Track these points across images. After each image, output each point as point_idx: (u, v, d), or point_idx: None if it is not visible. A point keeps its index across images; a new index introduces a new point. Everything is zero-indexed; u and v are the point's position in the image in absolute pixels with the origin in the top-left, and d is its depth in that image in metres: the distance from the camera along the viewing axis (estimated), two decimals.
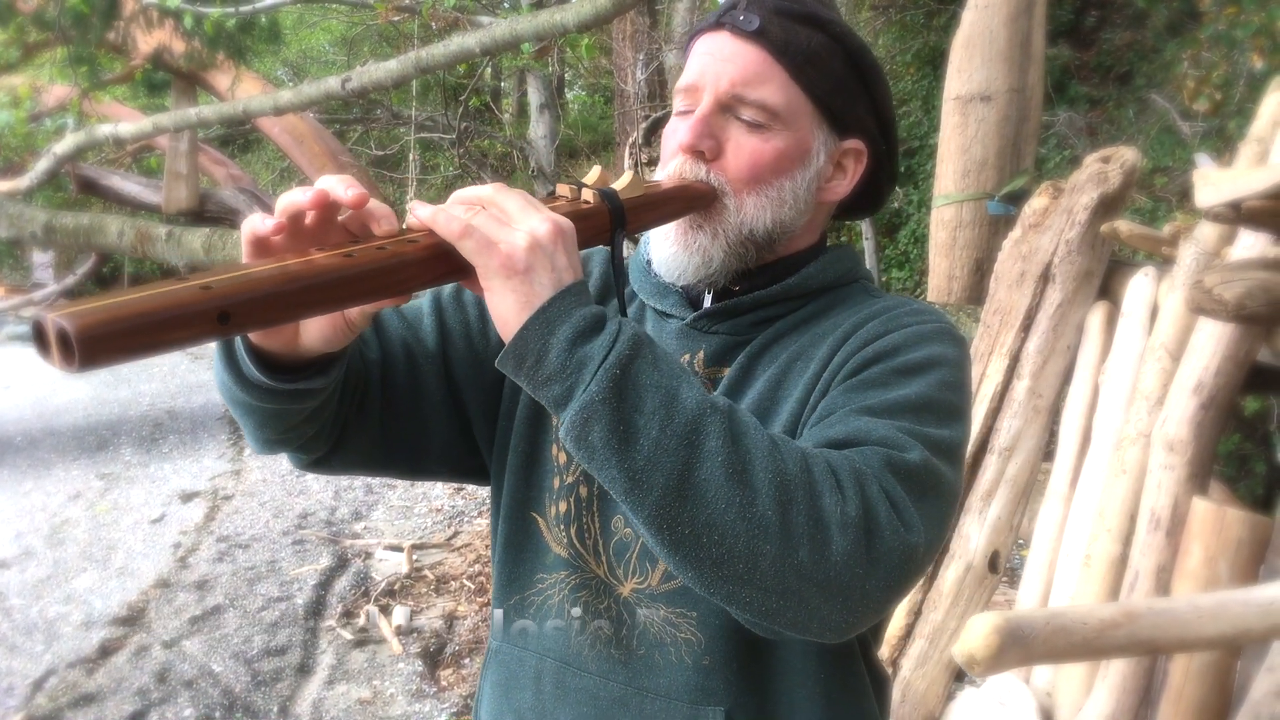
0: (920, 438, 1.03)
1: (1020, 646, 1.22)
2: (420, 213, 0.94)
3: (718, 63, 1.18)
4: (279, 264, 0.84)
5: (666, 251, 1.23)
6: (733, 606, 0.96)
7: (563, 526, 1.23)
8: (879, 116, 1.26)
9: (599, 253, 1.38)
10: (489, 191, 0.97)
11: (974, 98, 4.68)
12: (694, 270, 1.21)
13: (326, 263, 0.86)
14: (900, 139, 8.36)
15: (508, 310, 0.93)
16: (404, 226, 0.96)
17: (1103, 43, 8.90)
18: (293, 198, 0.93)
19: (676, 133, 1.22)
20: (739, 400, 1.19)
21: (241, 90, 9.26)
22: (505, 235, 0.93)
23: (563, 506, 1.23)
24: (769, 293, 1.24)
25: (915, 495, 0.99)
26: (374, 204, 0.95)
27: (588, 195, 1.08)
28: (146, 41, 9.02)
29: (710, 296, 1.26)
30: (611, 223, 1.08)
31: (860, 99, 1.23)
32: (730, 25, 1.18)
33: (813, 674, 1.17)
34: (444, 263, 0.93)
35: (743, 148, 1.18)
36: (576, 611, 1.22)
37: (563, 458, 1.25)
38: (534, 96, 15.23)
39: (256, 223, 0.91)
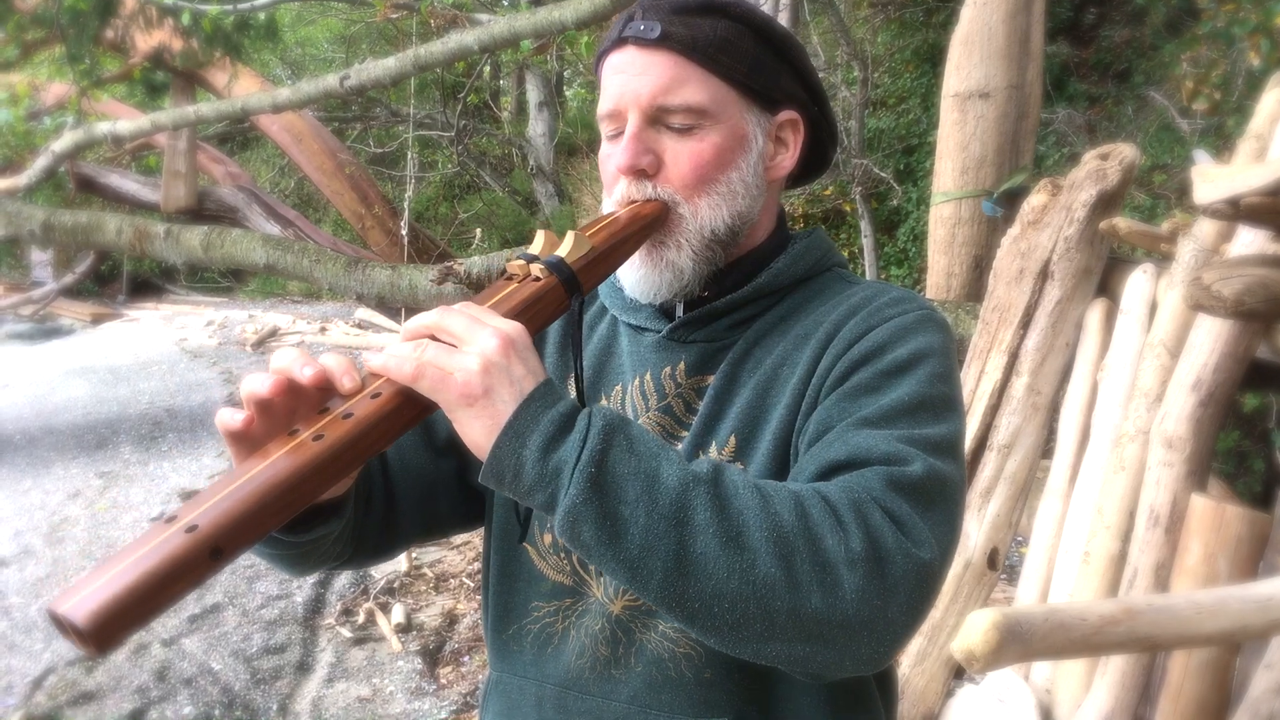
0: (920, 443, 1.03)
1: (1019, 643, 1.22)
2: (372, 363, 0.94)
3: (632, 79, 1.17)
4: (253, 476, 0.85)
5: (636, 275, 1.23)
6: (763, 661, 0.96)
7: (563, 555, 1.23)
8: (804, 82, 1.26)
9: None
10: (434, 318, 0.97)
11: (973, 95, 4.68)
12: (668, 287, 1.21)
13: (301, 459, 0.87)
14: (900, 136, 8.36)
15: (477, 435, 0.94)
16: (364, 372, 0.97)
17: (1102, 40, 8.91)
18: (255, 387, 0.95)
19: (613, 157, 1.21)
20: (728, 410, 1.19)
21: (239, 88, 9.26)
22: (458, 363, 0.92)
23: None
24: (742, 294, 1.23)
25: (922, 508, 0.98)
26: (333, 363, 0.96)
27: (536, 270, 1.07)
28: (146, 40, 9.02)
29: (682, 305, 1.26)
30: (567, 293, 1.07)
31: (781, 71, 1.23)
32: (633, 38, 1.17)
33: (811, 685, 1.16)
34: (411, 407, 0.94)
35: (681, 154, 1.18)
36: (575, 636, 1.22)
37: None
38: (533, 94, 15.25)
39: (228, 418, 0.95)
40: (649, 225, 1.18)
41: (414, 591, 5.00)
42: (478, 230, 14.75)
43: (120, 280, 17.31)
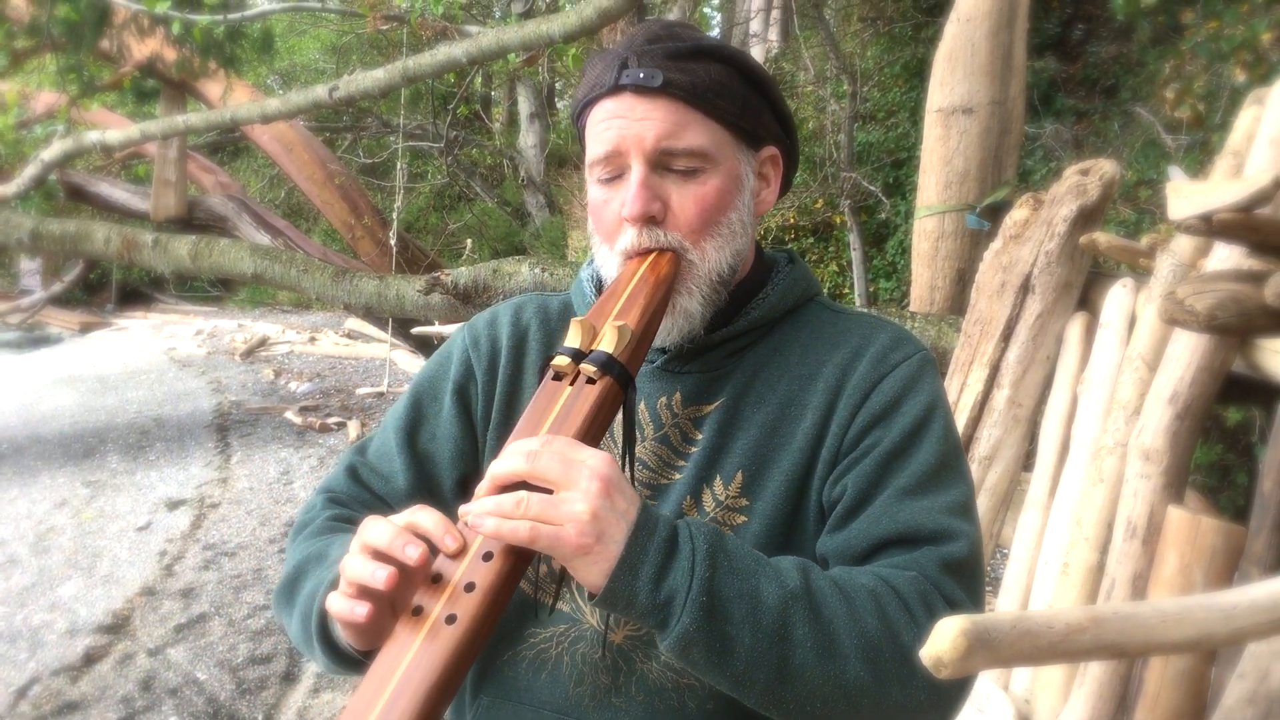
0: (956, 512, 1.13)
1: (987, 649, 1.25)
2: (485, 528, 0.96)
3: (633, 124, 1.17)
4: (407, 678, 0.88)
5: None
6: None
7: (562, 583, 1.23)
8: (779, 117, 1.28)
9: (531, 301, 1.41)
10: (524, 465, 0.97)
11: (956, 110, 4.73)
12: (678, 331, 1.23)
13: (447, 648, 0.90)
14: (889, 150, 8.42)
15: (593, 577, 0.97)
16: (460, 523, 0.99)
17: (1089, 55, 8.98)
18: (366, 579, 0.95)
19: (611, 203, 1.21)
20: (733, 445, 1.22)
21: (233, 99, 9.27)
22: (567, 513, 0.95)
23: (556, 564, 1.22)
24: (736, 327, 1.26)
25: (968, 586, 1.09)
26: (430, 525, 0.98)
27: (589, 371, 1.07)
28: (139, 50, 9.03)
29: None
30: (621, 387, 1.09)
31: (764, 109, 1.25)
32: (632, 86, 1.17)
33: None
34: (523, 561, 0.98)
35: (687, 198, 1.19)
36: (570, 662, 1.22)
37: None
38: (524, 105, 15.28)
39: (346, 612, 0.97)
40: (668, 286, 1.18)
41: None
42: (468, 241, 14.78)
43: (109, 289, 17.30)
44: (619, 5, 5.09)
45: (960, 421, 3.51)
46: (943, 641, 1.19)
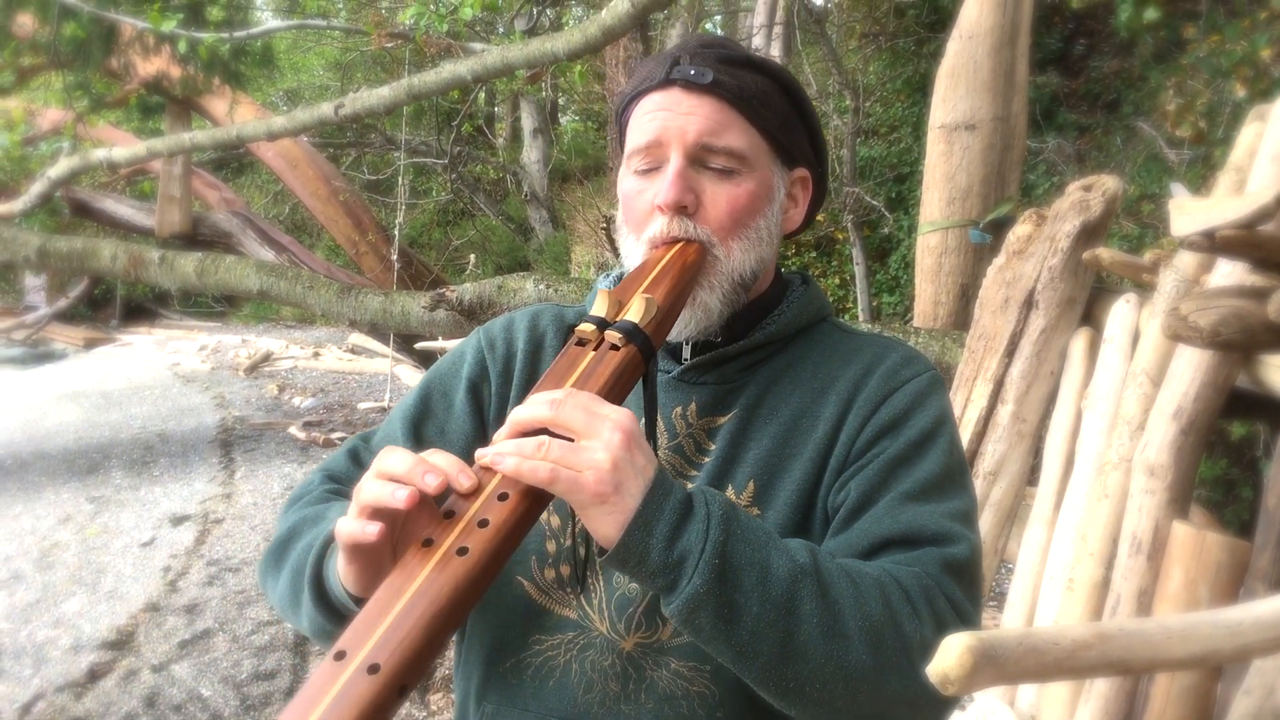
0: (959, 518, 1.14)
1: (993, 666, 1.25)
2: (504, 465, 0.95)
3: (678, 117, 1.20)
4: (413, 603, 0.86)
5: None
6: None
7: (568, 589, 1.23)
8: (814, 142, 1.32)
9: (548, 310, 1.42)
10: (548, 411, 0.98)
11: (959, 126, 4.74)
12: (696, 324, 1.24)
13: (456, 578, 0.88)
14: (891, 165, 8.45)
15: (607, 529, 0.97)
16: (475, 466, 0.98)
17: (1091, 71, 9.00)
18: (386, 498, 0.94)
19: (645, 193, 1.24)
20: (745, 455, 1.23)
21: (239, 116, 9.32)
22: (587, 461, 0.95)
23: (564, 570, 1.23)
24: (753, 340, 1.27)
25: (968, 589, 1.09)
26: (444, 464, 0.97)
27: (613, 338, 1.08)
28: (144, 67, 9.07)
29: (689, 348, 1.29)
30: (644, 358, 1.10)
31: (800, 129, 1.29)
32: (681, 81, 1.21)
33: None
34: (538, 505, 0.97)
35: (719, 196, 1.21)
36: (579, 670, 1.21)
37: (555, 521, 1.25)
38: (527, 122, 15.32)
39: (357, 531, 0.95)
40: (694, 273, 1.20)
41: None
42: (472, 256, 14.82)
43: (113, 305, 17.33)
44: (622, 23, 5.12)
45: (965, 436, 3.51)
46: (949, 658, 1.19)
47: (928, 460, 1.17)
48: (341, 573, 1.05)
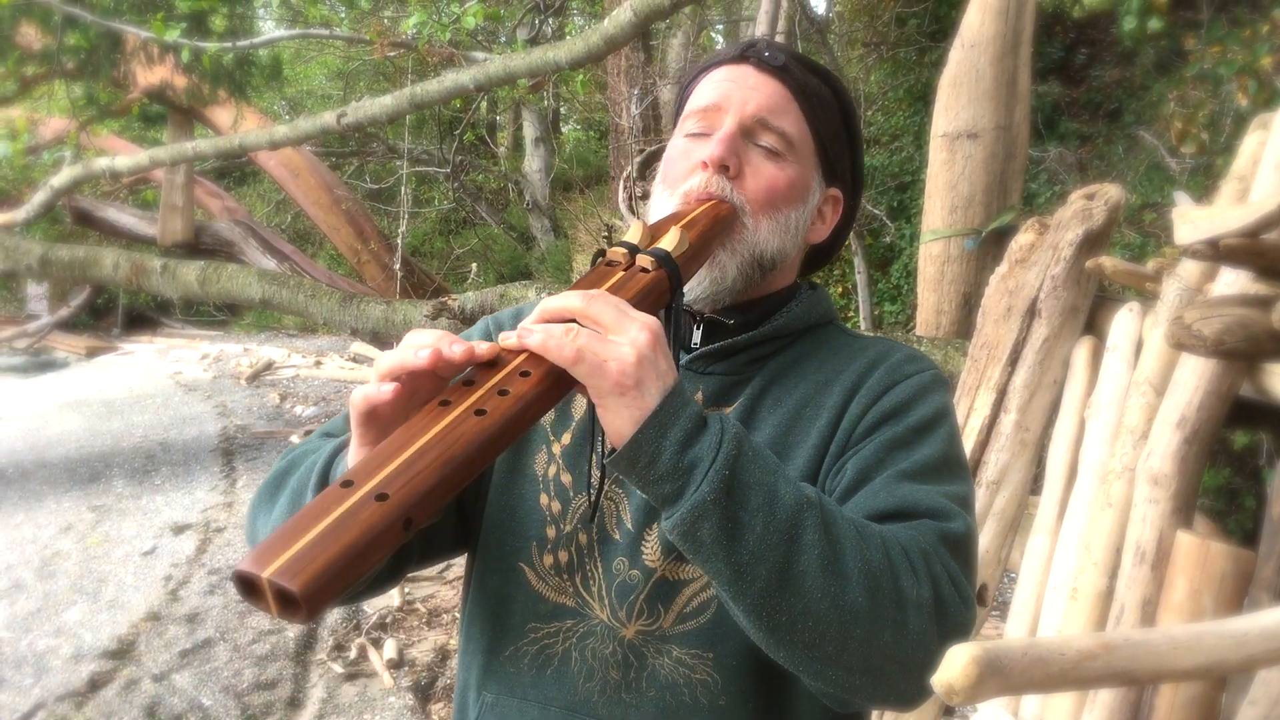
0: (956, 499, 1.13)
1: (998, 676, 1.25)
2: (530, 341, 0.94)
3: (743, 89, 1.26)
4: (428, 446, 0.84)
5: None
6: (817, 682, 1.03)
7: (565, 576, 1.23)
8: (854, 167, 1.35)
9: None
10: (579, 303, 0.98)
11: (961, 135, 4.74)
12: (710, 284, 1.25)
13: (473, 432, 0.87)
14: (893, 173, 8.44)
15: (622, 423, 0.96)
16: (501, 345, 0.97)
17: (1093, 79, 9.01)
18: (409, 359, 0.94)
19: (692, 153, 1.27)
20: None
21: (242, 125, 9.34)
22: (613, 352, 0.94)
23: (563, 556, 1.23)
24: (762, 332, 1.28)
25: (963, 565, 1.08)
26: (471, 344, 0.96)
27: (644, 262, 1.08)
28: (146, 77, 9.10)
29: (699, 332, 1.29)
30: (671, 288, 1.10)
31: (846, 149, 1.33)
32: (755, 59, 1.27)
33: (823, 710, 1.18)
34: (559, 388, 0.95)
35: (761, 171, 1.25)
36: (579, 658, 1.21)
37: (556, 506, 1.25)
38: (529, 130, 15.35)
39: (374, 393, 0.94)
40: (724, 228, 1.21)
41: (406, 626, 5.00)
42: (473, 265, 14.83)
43: (115, 313, 17.32)
44: (625, 32, 5.13)
45: (967, 445, 3.50)
46: (954, 669, 1.19)
47: (926, 445, 1.17)
48: (351, 460, 1.03)
